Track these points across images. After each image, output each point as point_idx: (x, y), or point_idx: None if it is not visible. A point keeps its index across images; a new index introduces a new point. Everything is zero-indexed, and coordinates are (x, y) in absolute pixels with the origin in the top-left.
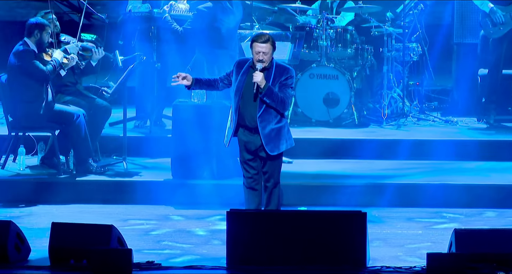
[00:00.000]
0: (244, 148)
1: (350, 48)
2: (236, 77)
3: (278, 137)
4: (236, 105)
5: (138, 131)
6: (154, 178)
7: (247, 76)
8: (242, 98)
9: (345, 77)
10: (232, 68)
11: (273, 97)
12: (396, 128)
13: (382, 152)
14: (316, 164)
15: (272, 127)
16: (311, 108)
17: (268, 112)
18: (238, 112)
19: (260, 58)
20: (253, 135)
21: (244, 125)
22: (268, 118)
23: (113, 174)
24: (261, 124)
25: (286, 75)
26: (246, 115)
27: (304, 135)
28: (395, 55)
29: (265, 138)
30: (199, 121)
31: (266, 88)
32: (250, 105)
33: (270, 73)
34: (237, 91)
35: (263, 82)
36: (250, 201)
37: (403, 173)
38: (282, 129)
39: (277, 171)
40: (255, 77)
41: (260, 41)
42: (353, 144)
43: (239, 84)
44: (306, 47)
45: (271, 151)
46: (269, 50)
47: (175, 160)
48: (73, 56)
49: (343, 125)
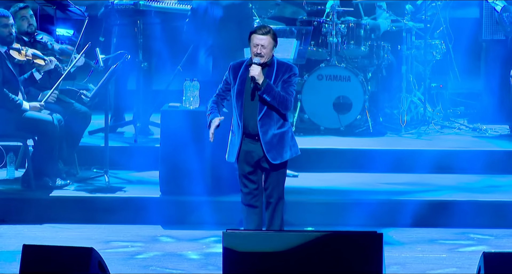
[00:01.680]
0: (244, 159)
1: (364, 45)
2: (234, 82)
3: (281, 143)
4: (239, 111)
5: (121, 140)
6: (140, 194)
7: (248, 77)
8: (244, 102)
9: (358, 79)
10: (226, 74)
11: (274, 94)
12: (416, 137)
13: (400, 164)
14: (325, 178)
15: (274, 133)
16: (319, 114)
17: (269, 115)
18: (243, 118)
19: (258, 51)
20: (256, 143)
21: (247, 132)
22: (269, 122)
23: (93, 189)
24: (262, 128)
25: (289, 73)
26: (249, 121)
27: (311, 144)
28: (415, 53)
29: (266, 144)
30: (192, 129)
31: (265, 84)
32: (252, 108)
33: (271, 71)
34: (238, 95)
35: (261, 76)
36: (249, 220)
37: (424, 188)
38: (285, 135)
39: (280, 185)
40: (251, 71)
41: (259, 33)
42: (367, 155)
43: (239, 87)
44: (314, 44)
45: (273, 159)
46: (269, 44)
47: (164, 173)
48: (51, 59)
49: (356, 133)
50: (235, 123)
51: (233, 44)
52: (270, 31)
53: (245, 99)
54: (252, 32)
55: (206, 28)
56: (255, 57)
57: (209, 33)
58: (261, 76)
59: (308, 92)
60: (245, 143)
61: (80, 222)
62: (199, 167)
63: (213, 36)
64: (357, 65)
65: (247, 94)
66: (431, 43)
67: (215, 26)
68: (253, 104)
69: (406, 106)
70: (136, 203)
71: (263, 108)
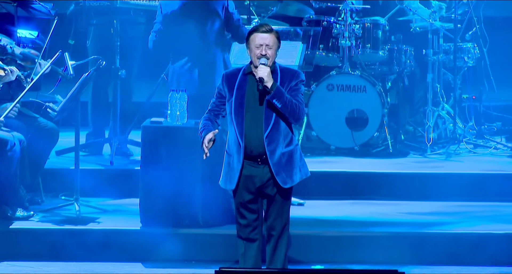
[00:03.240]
0: (244, 186)
1: (383, 49)
2: (230, 94)
3: (290, 163)
4: (240, 127)
5: (95, 162)
6: (117, 225)
7: (247, 87)
8: (245, 117)
9: (376, 89)
10: (219, 86)
11: (285, 99)
12: (445, 158)
13: (425, 191)
14: (336, 207)
15: (282, 151)
16: (329, 131)
17: (277, 130)
18: (244, 137)
19: (263, 52)
20: (259, 166)
21: (249, 153)
22: (277, 138)
23: (61, 220)
24: (269, 146)
25: (296, 79)
26: (253, 139)
27: (320, 167)
28: (443, 59)
29: (275, 165)
30: (179, 148)
31: (275, 87)
32: (255, 122)
33: (275, 78)
34: (237, 109)
35: (270, 79)
36: (247, 257)
37: (453, 219)
38: (294, 154)
39: (285, 215)
40: (259, 72)
41: (262, 30)
42: (387, 179)
43: (238, 100)
44: (323, 48)
45: (284, 183)
46: (274, 43)
47: (146, 201)
48: (12, 69)
49: (372, 154)
50: (232, 143)
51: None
52: (273, 29)
53: (247, 112)
54: (252, 31)
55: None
56: (261, 58)
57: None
58: (270, 78)
59: (316, 105)
60: (246, 166)
61: (45, 259)
62: (187, 194)
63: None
64: (374, 73)
65: (249, 107)
66: (462, 46)
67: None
68: (257, 118)
69: (432, 122)
70: (112, 236)
71: (270, 121)
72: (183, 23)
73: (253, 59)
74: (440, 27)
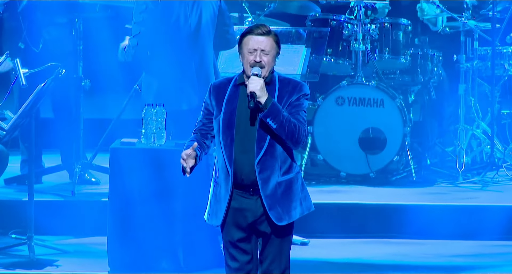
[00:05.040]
0: (234, 221)
1: (404, 55)
2: (219, 110)
3: (287, 195)
4: (228, 150)
5: (52, 192)
6: (81, 270)
7: (239, 101)
8: (235, 138)
9: (396, 103)
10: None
11: (281, 118)
12: (480, 187)
13: (457, 227)
14: (347, 247)
15: (278, 180)
16: (339, 155)
17: (272, 154)
18: (234, 161)
19: (257, 59)
20: (251, 197)
21: (239, 182)
22: (271, 164)
23: (11, 264)
24: (261, 174)
25: (298, 93)
26: (243, 165)
27: (327, 198)
28: (478, 66)
29: (268, 198)
30: (155, 175)
31: (270, 104)
32: (247, 144)
33: (272, 91)
34: (226, 128)
35: (264, 93)
36: None
37: (491, 261)
38: (294, 183)
39: (284, 256)
40: (251, 85)
41: (257, 32)
42: (409, 213)
43: (227, 118)
44: (331, 53)
45: (278, 220)
46: (272, 49)
47: (115, 240)
48: None
49: (392, 182)
50: (220, 169)
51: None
52: (271, 32)
53: (237, 132)
54: (246, 33)
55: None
56: (254, 67)
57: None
58: (264, 92)
59: (323, 122)
60: (235, 197)
61: None
62: (165, 231)
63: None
64: (394, 84)
65: (240, 125)
66: (501, 51)
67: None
68: (248, 140)
69: (465, 143)
70: None
71: (263, 144)
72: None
73: (245, 67)
74: (474, 27)
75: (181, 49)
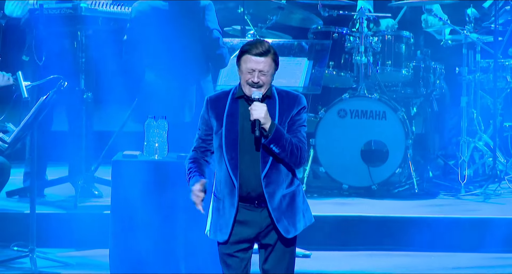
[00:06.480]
0: (236, 235)
1: (407, 67)
2: (219, 124)
3: (292, 208)
4: (232, 164)
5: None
6: None
7: (240, 113)
8: (240, 152)
9: (398, 116)
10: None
11: (284, 142)
12: (483, 199)
13: (459, 239)
14: (350, 260)
15: (283, 193)
16: (341, 167)
17: (277, 168)
18: (239, 175)
19: (255, 80)
20: (256, 209)
21: (245, 195)
22: (277, 178)
23: None
24: (267, 188)
25: (298, 106)
26: (249, 178)
27: (329, 210)
28: (481, 78)
29: (275, 211)
30: (157, 188)
31: (273, 130)
32: (252, 159)
33: (273, 105)
34: (230, 144)
35: (268, 120)
36: None
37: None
38: (297, 195)
39: (290, 269)
40: (254, 112)
41: (255, 53)
42: (411, 225)
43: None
44: (334, 66)
45: (286, 232)
46: (270, 69)
47: (117, 253)
48: None
49: (394, 194)
50: (222, 184)
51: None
52: (270, 50)
53: (242, 147)
54: (244, 51)
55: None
56: (253, 90)
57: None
58: (268, 118)
59: (325, 134)
60: (240, 210)
61: None
62: (167, 244)
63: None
64: (396, 96)
65: (243, 138)
66: (504, 63)
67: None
68: (253, 153)
69: (467, 156)
70: None
71: (267, 159)
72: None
73: (242, 83)
74: (476, 40)
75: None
